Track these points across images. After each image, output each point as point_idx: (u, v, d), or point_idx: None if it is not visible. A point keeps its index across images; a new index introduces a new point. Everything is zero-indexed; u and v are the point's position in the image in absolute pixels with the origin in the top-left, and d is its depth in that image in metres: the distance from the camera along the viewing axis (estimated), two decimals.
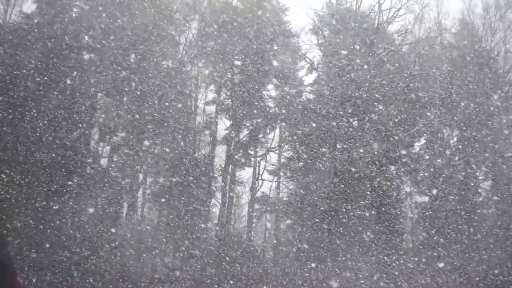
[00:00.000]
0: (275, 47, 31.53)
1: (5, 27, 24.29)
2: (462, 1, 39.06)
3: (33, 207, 20.30)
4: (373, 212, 25.14)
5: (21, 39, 22.53)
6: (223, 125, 31.06)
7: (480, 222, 25.79)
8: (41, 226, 20.14)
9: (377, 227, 24.60)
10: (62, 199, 21.35)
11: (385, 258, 23.69)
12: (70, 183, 21.65)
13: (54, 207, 20.84)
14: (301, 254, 24.98)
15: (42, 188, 21.05)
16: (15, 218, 19.54)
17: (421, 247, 25.36)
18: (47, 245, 19.97)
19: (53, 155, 21.53)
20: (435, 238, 24.70)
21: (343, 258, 23.51)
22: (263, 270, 25.35)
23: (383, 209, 25.02)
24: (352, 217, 24.56)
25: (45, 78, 22.24)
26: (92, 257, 21.26)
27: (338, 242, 23.96)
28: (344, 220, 24.51)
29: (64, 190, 21.49)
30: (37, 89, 21.94)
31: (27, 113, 21.43)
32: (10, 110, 21.24)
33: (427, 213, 26.10)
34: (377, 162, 25.49)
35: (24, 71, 21.87)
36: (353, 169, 25.35)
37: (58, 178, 21.42)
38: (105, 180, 23.32)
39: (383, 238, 24.27)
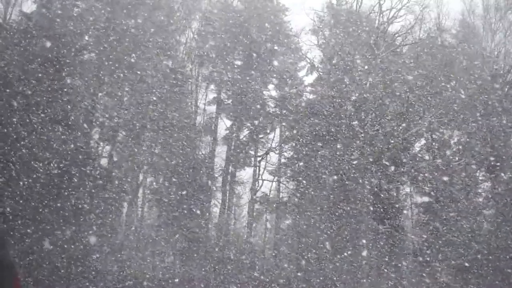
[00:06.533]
0: (275, 47, 31.52)
1: (5, 27, 24.23)
2: (462, 1, 38.96)
3: (32, 207, 20.24)
4: (373, 212, 25.09)
5: (20, 39, 22.48)
6: (223, 125, 31.08)
7: (480, 223, 25.74)
8: (41, 226, 20.10)
9: (376, 227, 24.56)
10: (62, 199, 21.29)
11: (386, 258, 23.66)
12: (69, 183, 21.61)
13: (54, 207, 20.77)
14: (301, 254, 24.94)
15: (41, 188, 20.99)
16: (14, 218, 19.50)
17: (420, 247, 25.32)
18: (47, 245, 19.91)
19: (52, 155, 21.48)
20: (434, 239, 24.65)
21: (343, 258, 23.48)
22: (263, 270, 25.31)
23: (383, 209, 24.97)
24: (352, 217, 24.51)
25: (45, 77, 22.18)
26: (92, 257, 21.22)
27: (337, 242, 23.93)
28: (343, 220, 24.46)
29: (63, 190, 21.43)
30: (36, 89, 21.88)
31: (26, 113, 21.37)
32: (9, 110, 21.18)
33: (426, 214, 26.07)
34: (377, 162, 25.44)
35: (23, 70, 21.82)
36: (353, 169, 25.32)
37: (57, 178, 21.37)
38: (105, 180, 23.28)
39: (383, 238, 24.24)
